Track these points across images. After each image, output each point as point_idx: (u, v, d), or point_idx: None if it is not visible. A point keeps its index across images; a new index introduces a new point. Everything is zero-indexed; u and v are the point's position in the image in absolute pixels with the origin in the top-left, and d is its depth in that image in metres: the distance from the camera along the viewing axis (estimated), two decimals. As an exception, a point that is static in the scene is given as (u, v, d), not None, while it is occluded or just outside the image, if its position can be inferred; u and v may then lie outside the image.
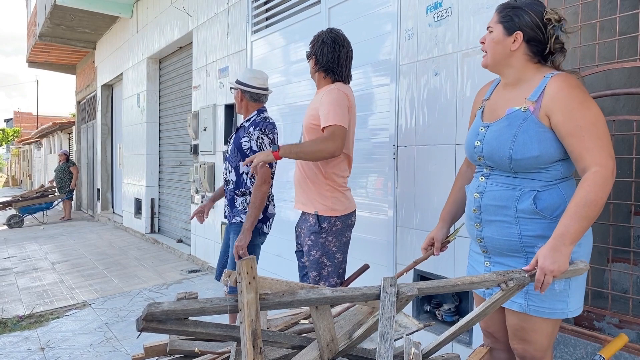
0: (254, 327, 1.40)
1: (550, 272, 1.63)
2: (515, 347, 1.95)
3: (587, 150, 1.66)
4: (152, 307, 1.35)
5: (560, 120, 1.70)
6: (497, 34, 1.85)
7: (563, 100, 1.70)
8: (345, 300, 1.60)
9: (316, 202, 2.74)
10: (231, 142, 3.31)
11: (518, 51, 1.82)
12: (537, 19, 1.79)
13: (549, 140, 1.74)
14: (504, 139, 1.79)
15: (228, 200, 3.35)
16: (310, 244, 2.74)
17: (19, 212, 11.67)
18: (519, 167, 1.79)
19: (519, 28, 1.80)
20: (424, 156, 3.18)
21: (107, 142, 11.88)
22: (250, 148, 3.15)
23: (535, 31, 1.79)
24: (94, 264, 6.87)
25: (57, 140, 20.77)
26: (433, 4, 3.11)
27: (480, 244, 1.95)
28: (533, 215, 1.78)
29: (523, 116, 1.77)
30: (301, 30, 4.52)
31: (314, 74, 2.88)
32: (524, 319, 1.86)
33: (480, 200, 1.90)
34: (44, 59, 14.04)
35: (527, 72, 1.84)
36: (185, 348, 1.84)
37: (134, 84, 9.28)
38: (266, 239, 3.36)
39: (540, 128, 1.74)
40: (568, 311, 1.82)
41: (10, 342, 4.01)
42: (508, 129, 1.79)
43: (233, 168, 3.26)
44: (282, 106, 4.84)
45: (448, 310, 3.09)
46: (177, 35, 7.26)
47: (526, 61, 1.83)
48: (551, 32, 1.79)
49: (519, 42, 1.81)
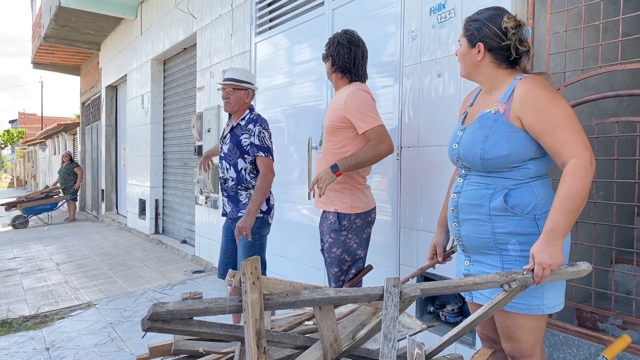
0: (258, 327, 1.42)
1: (549, 265, 1.68)
2: (505, 346, 1.99)
3: (563, 145, 1.73)
4: (157, 307, 1.36)
5: (532, 121, 1.78)
6: (463, 47, 1.97)
7: (532, 101, 1.78)
8: (348, 301, 1.61)
9: (336, 201, 2.80)
10: (227, 141, 3.43)
11: (484, 60, 1.92)
12: (495, 28, 1.87)
13: (518, 139, 1.81)
14: (477, 140, 1.88)
15: (230, 197, 3.45)
16: (330, 242, 2.80)
17: (24, 213, 11.72)
18: (491, 167, 1.86)
19: (479, 40, 1.90)
20: (427, 157, 3.19)
21: (112, 143, 11.92)
22: (251, 144, 3.32)
23: (495, 40, 1.88)
24: (99, 265, 6.90)
25: (62, 141, 20.85)
26: (436, 6, 3.11)
27: (459, 242, 2.03)
28: (504, 213, 1.84)
29: (493, 118, 1.86)
30: (305, 31, 4.53)
31: (330, 75, 2.93)
32: (506, 317, 1.91)
33: (457, 200, 1.99)
34: (49, 61, 14.10)
35: (497, 78, 1.93)
36: (189, 348, 1.85)
37: (139, 85, 9.31)
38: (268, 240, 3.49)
39: (509, 128, 1.82)
40: (544, 307, 1.86)
41: (16, 342, 4.03)
42: (480, 130, 1.88)
43: (232, 165, 3.39)
44: (285, 107, 4.85)
45: (451, 311, 3.10)
46: (182, 37, 7.28)
47: (494, 68, 1.92)
48: (512, 38, 1.86)
49: (482, 52, 1.91)
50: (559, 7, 2.63)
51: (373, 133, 2.68)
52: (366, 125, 2.69)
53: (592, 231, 2.59)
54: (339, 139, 2.80)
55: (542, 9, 2.67)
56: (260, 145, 3.32)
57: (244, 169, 3.38)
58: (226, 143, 3.44)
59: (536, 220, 1.81)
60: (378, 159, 2.74)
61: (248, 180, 3.39)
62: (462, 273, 2.02)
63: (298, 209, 4.62)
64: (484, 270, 1.92)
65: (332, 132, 2.81)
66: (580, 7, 2.58)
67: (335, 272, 2.80)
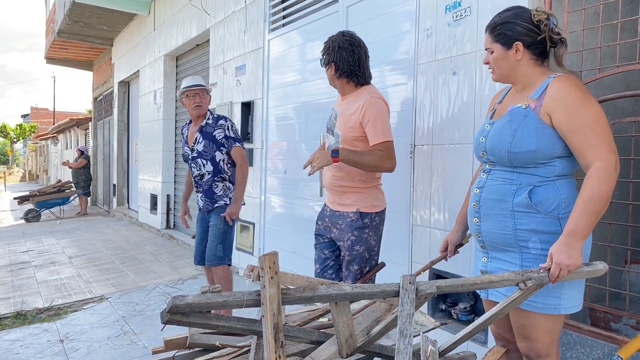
0: (276, 321, 1.43)
1: (567, 266, 1.67)
2: (520, 346, 1.99)
3: (589, 146, 1.73)
4: (177, 300, 1.38)
5: (561, 119, 1.78)
6: (498, 52, 1.94)
7: (564, 99, 1.78)
8: (364, 297, 1.62)
9: (357, 201, 2.81)
10: (200, 140, 3.82)
11: (523, 59, 1.91)
12: (528, 23, 1.88)
13: (547, 136, 1.81)
14: (505, 134, 1.88)
15: (204, 191, 3.88)
16: (353, 240, 2.80)
17: (36, 207, 11.84)
18: (517, 161, 1.86)
19: (516, 39, 1.89)
20: (441, 155, 3.19)
21: (124, 139, 12.00)
22: (226, 137, 3.80)
23: (531, 35, 1.88)
24: (111, 259, 6.96)
25: (74, 136, 21.01)
26: (452, 4, 3.11)
27: (479, 238, 2.02)
28: (527, 209, 1.84)
29: (524, 112, 1.86)
30: (318, 29, 4.54)
31: (334, 80, 2.86)
32: (523, 316, 1.90)
33: (479, 195, 1.98)
34: (62, 56, 14.21)
35: (534, 76, 1.92)
36: (204, 342, 1.87)
37: (151, 81, 9.36)
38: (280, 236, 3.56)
39: (539, 124, 1.82)
40: (561, 307, 1.85)
41: (30, 333, 4.09)
42: (509, 124, 1.89)
43: (209, 160, 3.81)
44: (297, 104, 4.86)
45: (464, 309, 3.10)
46: (195, 33, 7.31)
47: (532, 66, 1.92)
48: (545, 29, 1.87)
49: (521, 51, 1.90)
50: (576, 5, 2.62)
51: (385, 146, 2.67)
52: (380, 138, 2.67)
53: (606, 231, 2.58)
54: (365, 146, 2.78)
55: (559, 8, 2.65)
56: (235, 136, 3.83)
57: (221, 160, 3.82)
58: (199, 142, 3.82)
59: (559, 219, 1.81)
60: (377, 170, 2.76)
61: (225, 170, 3.86)
62: (480, 270, 2.02)
63: (310, 206, 4.63)
64: (502, 267, 1.91)
65: (350, 144, 2.77)
66: (598, 6, 2.57)
67: (356, 269, 2.81)
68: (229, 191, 3.87)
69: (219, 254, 3.80)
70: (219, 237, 3.79)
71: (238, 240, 5.89)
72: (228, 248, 3.86)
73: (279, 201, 5.22)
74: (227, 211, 3.72)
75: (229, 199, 3.85)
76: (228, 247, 3.86)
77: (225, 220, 3.77)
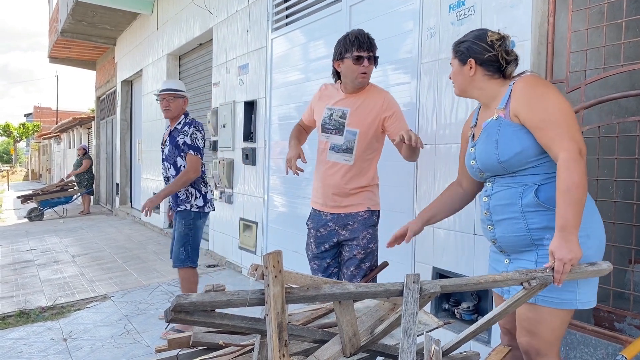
0: (280, 320, 1.43)
1: (569, 260, 1.70)
2: (520, 341, 1.99)
3: (552, 140, 1.79)
4: (181, 299, 1.38)
5: (525, 117, 1.86)
6: (456, 66, 2.11)
7: (524, 97, 1.87)
8: (368, 296, 1.62)
9: (366, 200, 2.85)
10: (167, 144, 3.93)
11: (477, 74, 2.04)
12: (482, 43, 2.01)
13: (526, 134, 1.88)
14: (490, 148, 1.96)
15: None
16: (369, 237, 2.84)
17: (40, 206, 11.87)
18: (512, 167, 1.92)
19: (469, 56, 2.04)
20: (444, 154, 3.19)
21: (127, 138, 12.01)
22: (184, 143, 3.84)
23: (484, 53, 2.00)
24: (114, 258, 6.97)
25: (77, 135, 21.05)
26: (456, 3, 3.10)
27: (496, 245, 2.05)
28: (537, 208, 1.87)
29: (497, 123, 1.95)
30: (322, 28, 4.54)
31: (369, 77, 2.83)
32: (532, 309, 1.91)
33: (489, 203, 2.03)
34: (65, 55, 14.25)
35: (492, 88, 2.03)
36: (208, 340, 1.87)
37: (154, 80, 9.37)
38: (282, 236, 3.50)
39: (514, 127, 1.90)
40: (578, 302, 1.86)
41: (34, 332, 4.10)
42: (488, 138, 1.97)
43: (172, 164, 3.93)
44: (300, 104, 4.86)
45: (467, 308, 3.09)
46: (198, 32, 7.31)
47: (488, 80, 2.03)
48: (498, 49, 2.00)
49: (474, 67, 2.03)
50: (580, 5, 2.61)
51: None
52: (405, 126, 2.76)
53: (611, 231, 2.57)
54: (379, 144, 2.87)
55: (563, 7, 2.65)
56: (191, 144, 3.85)
57: (182, 165, 3.89)
58: (166, 146, 3.95)
59: None
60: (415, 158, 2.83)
61: None
62: (501, 272, 2.01)
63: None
64: (522, 266, 1.92)
65: (370, 139, 2.79)
66: (602, 5, 2.56)
67: (367, 267, 2.84)
68: (191, 197, 3.94)
69: (181, 257, 3.90)
70: (180, 241, 3.91)
71: (241, 239, 5.90)
72: (191, 251, 3.93)
73: (281, 200, 5.22)
74: (146, 201, 3.84)
75: (191, 205, 3.93)
76: (191, 250, 3.93)
77: (186, 225, 3.90)
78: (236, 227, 6.05)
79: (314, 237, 2.97)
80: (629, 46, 2.77)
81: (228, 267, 6.17)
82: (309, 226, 3.03)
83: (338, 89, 2.89)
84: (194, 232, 3.94)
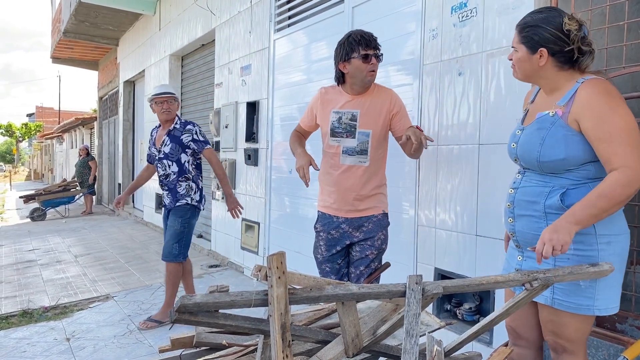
0: (283, 321, 1.44)
1: (549, 240, 1.70)
2: (547, 338, 1.99)
3: (616, 154, 1.70)
4: (185, 299, 1.39)
5: (589, 126, 1.75)
6: (522, 54, 1.90)
7: (592, 107, 1.75)
8: (370, 297, 1.63)
9: (380, 203, 2.89)
10: (168, 143, 4.13)
11: (546, 65, 1.86)
12: (557, 31, 1.81)
13: (576, 143, 1.79)
14: (534, 142, 1.87)
15: (169, 190, 4.18)
16: (383, 238, 2.88)
17: (42, 206, 11.89)
18: (547, 169, 1.86)
19: (541, 45, 1.84)
20: (446, 156, 3.19)
21: (129, 138, 12.03)
22: (194, 140, 4.12)
23: (558, 44, 1.82)
24: (116, 258, 6.99)
25: (79, 135, 21.09)
26: (458, 4, 3.11)
27: (513, 238, 2.02)
28: (560, 211, 1.82)
29: (551, 120, 1.84)
30: (324, 29, 4.55)
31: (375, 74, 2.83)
32: (552, 313, 1.91)
33: (514, 196, 1.98)
34: (68, 55, 14.28)
35: (559, 80, 1.88)
36: (211, 341, 1.88)
37: (156, 81, 9.38)
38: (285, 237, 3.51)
39: (567, 131, 1.80)
40: (595, 308, 1.84)
41: (37, 332, 4.11)
42: (538, 132, 1.87)
43: (174, 161, 4.13)
44: (302, 104, 4.87)
45: (469, 309, 3.10)
46: (200, 33, 7.33)
47: (557, 71, 1.88)
48: (575, 39, 1.81)
49: (545, 57, 1.85)
50: (583, 6, 2.62)
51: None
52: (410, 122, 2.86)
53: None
54: (386, 141, 2.90)
55: (566, 9, 2.64)
56: (205, 140, 4.18)
57: (186, 161, 4.14)
58: (166, 145, 4.14)
59: None
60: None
61: (190, 171, 4.17)
62: (514, 268, 2.01)
63: (315, 206, 4.62)
64: (536, 266, 1.90)
65: (381, 140, 2.83)
66: (604, 7, 2.57)
67: (375, 266, 2.88)
68: (191, 191, 4.16)
69: (174, 252, 4.11)
70: (175, 237, 4.10)
71: (243, 240, 5.91)
72: (184, 247, 4.17)
73: (283, 201, 5.23)
74: (229, 207, 4.15)
75: (191, 199, 4.15)
76: (184, 246, 4.17)
77: (182, 222, 4.12)
78: (238, 228, 6.06)
79: (324, 240, 2.94)
80: (630, 48, 2.77)
81: (230, 267, 6.18)
82: (317, 229, 2.99)
83: (341, 92, 2.87)
84: (188, 230, 4.17)
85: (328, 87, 2.99)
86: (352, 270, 2.88)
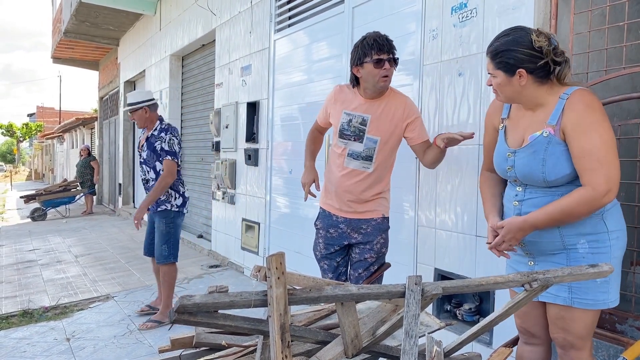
0: (283, 321, 1.44)
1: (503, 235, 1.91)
2: (555, 336, 2.01)
3: (586, 170, 1.78)
4: (185, 300, 1.39)
5: (569, 141, 1.83)
6: (501, 79, 1.91)
7: (574, 120, 1.82)
8: (370, 297, 1.63)
9: (380, 206, 2.87)
10: (145, 149, 4.21)
11: (527, 83, 1.88)
12: (529, 50, 1.84)
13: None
14: (535, 165, 1.89)
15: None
16: (382, 242, 2.86)
17: (42, 206, 11.90)
18: (556, 184, 1.89)
19: (518, 67, 1.86)
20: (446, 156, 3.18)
21: (129, 138, 12.04)
22: (162, 149, 4.10)
23: (533, 61, 1.85)
24: (116, 258, 6.99)
25: (80, 135, 21.09)
26: (458, 5, 3.11)
27: (523, 248, 2.02)
28: None
29: (546, 140, 1.87)
30: (324, 29, 4.55)
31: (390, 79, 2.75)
32: (566, 310, 1.93)
33: (520, 208, 1.99)
34: (69, 55, 14.28)
35: (542, 95, 1.91)
36: (211, 341, 1.88)
37: (157, 81, 9.39)
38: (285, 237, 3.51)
39: (564, 147, 1.85)
40: (609, 302, 1.90)
41: (37, 332, 4.11)
42: (535, 155, 1.89)
43: (151, 168, 4.20)
44: (302, 105, 4.88)
45: (468, 310, 3.10)
46: (200, 33, 7.33)
47: (538, 87, 1.90)
48: (547, 52, 1.84)
49: (525, 77, 1.87)
50: (583, 7, 2.62)
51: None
52: (427, 136, 2.82)
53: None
54: (395, 152, 2.87)
55: (566, 9, 2.65)
56: (168, 150, 4.10)
57: (161, 169, 4.13)
58: (144, 150, 4.23)
59: (603, 219, 1.86)
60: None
61: None
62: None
63: (315, 206, 4.61)
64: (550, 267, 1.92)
65: (392, 146, 2.80)
66: (604, 8, 2.57)
67: (374, 269, 2.87)
68: (171, 197, 4.20)
69: (164, 254, 4.19)
70: (162, 239, 4.19)
71: (243, 240, 5.91)
72: (173, 247, 4.25)
73: (284, 201, 5.23)
74: (134, 216, 4.18)
75: (171, 205, 4.20)
76: (173, 246, 4.25)
77: (167, 223, 4.19)
78: (238, 228, 6.06)
79: (323, 237, 2.94)
80: (630, 48, 2.77)
81: (230, 267, 6.19)
82: (317, 226, 2.99)
83: (356, 93, 2.80)
84: (174, 230, 4.25)
85: (344, 85, 2.93)
86: (351, 272, 2.89)
